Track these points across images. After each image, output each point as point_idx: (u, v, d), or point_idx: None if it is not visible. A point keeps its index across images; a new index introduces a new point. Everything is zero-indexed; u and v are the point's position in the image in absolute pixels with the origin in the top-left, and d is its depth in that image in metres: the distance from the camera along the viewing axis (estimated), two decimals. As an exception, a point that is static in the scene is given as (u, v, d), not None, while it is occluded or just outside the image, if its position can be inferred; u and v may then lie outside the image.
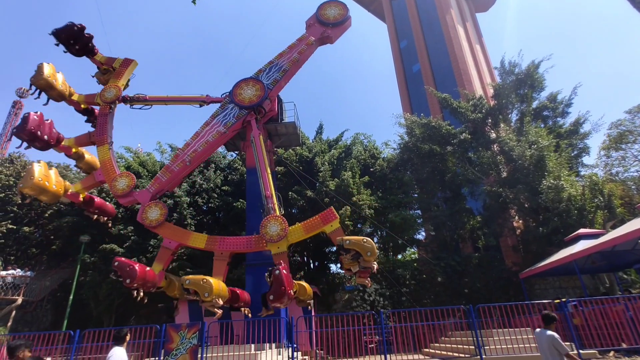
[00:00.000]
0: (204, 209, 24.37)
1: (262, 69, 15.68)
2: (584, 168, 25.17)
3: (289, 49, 15.72)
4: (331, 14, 15.98)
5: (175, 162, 14.04)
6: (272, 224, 12.12)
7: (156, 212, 13.09)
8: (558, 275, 19.13)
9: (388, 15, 45.77)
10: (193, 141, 14.35)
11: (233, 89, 15.29)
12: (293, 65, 15.34)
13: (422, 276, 20.58)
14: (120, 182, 13.35)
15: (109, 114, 14.93)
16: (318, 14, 16.03)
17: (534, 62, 23.49)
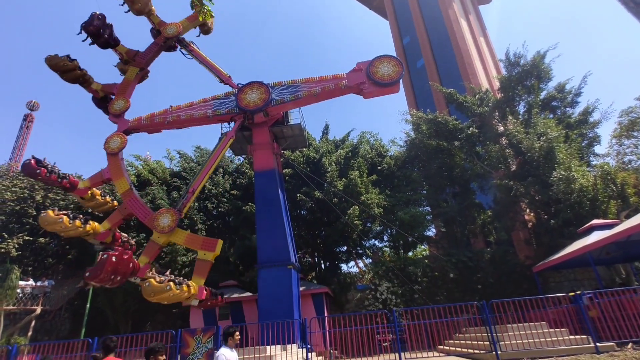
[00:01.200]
0: (214, 213, 24.60)
1: (282, 82, 15.61)
2: (595, 158, 24.76)
3: (318, 80, 15.13)
4: (384, 72, 14.26)
5: (161, 115, 15.57)
6: (164, 216, 13.28)
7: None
8: (572, 268, 18.86)
9: (390, 12, 45.60)
10: (184, 107, 15.59)
11: (243, 87, 15.62)
12: (309, 96, 14.94)
13: (434, 273, 20.48)
14: (118, 103, 15.24)
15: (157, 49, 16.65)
16: (369, 70, 14.42)
17: (540, 52, 23.19)
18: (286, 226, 15.50)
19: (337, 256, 24.28)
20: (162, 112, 15.76)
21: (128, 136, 15.48)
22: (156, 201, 23.34)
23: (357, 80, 14.45)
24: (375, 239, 24.73)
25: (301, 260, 23.69)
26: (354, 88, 14.64)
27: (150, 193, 23.94)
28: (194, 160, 27.88)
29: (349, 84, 14.54)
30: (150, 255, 13.17)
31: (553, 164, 19.29)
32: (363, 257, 25.94)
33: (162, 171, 26.06)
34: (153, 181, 25.31)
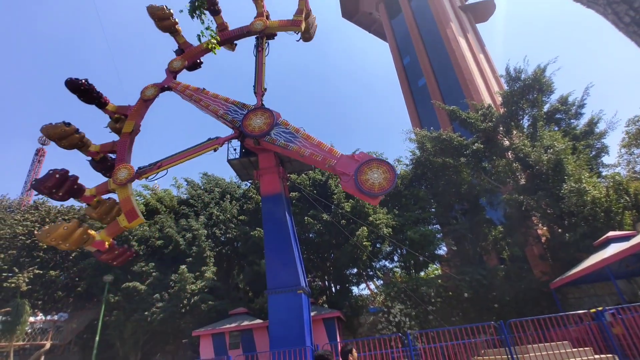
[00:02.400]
0: (222, 240, 24.56)
1: (288, 125, 15.08)
2: (605, 168, 24.41)
3: (315, 144, 13.99)
4: (374, 181, 12.47)
5: (193, 90, 16.40)
6: (124, 170, 14.16)
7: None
8: (591, 283, 18.25)
9: (389, 34, 46.67)
10: (211, 95, 16.24)
11: (255, 109, 15.71)
12: (295, 153, 14.19)
13: (448, 293, 19.96)
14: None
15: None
16: (357, 179, 12.46)
17: (540, 66, 23.35)
18: (295, 250, 15.35)
19: (347, 279, 23.87)
20: (195, 88, 16.54)
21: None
22: (164, 229, 23.43)
23: (345, 170, 12.82)
24: (385, 260, 24.33)
25: (311, 284, 23.33)
26: (338, 173, 13.23)
27: (159, 222, 24.07)
28: (201, 187, 28.12)
29: (337, 168, 13.07)
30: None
31: (562, 176, 19.04)
32: (374, 278, 25.46)
33: (169, 199, 26.29)
34: (161, 210, 25.50)
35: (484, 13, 45.44)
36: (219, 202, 26.52)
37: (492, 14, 45.87)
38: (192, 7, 5.13)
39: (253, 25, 17.77)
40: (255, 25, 17.67)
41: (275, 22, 17.94)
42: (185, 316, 20.57)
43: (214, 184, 28.19)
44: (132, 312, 20.70)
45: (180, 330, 20.87)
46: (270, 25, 17.76)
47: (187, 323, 20.54)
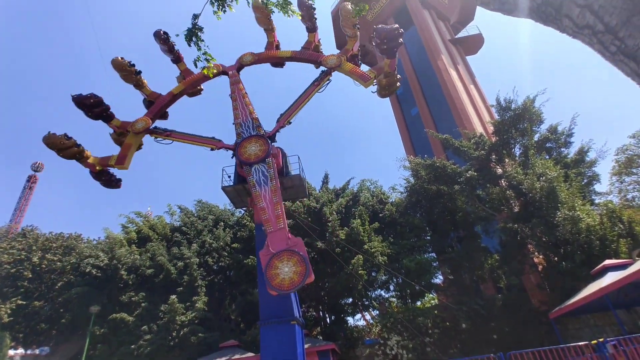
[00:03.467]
0: (214, 268, 24.03)
1: (271, 166, 16.08)
2: (598, 196, 24.63)
3: (264, 207, 14.49)
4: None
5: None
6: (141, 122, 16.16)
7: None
8: (591, 313, 17.93)
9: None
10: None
11: (253, 135, 16.09)
12: (254, 197, 14.88)
13: (445, 323, 19.46)
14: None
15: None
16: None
17: (529, 97, 24.00)
18: (288, 279, 14.96)
19: (342, 309, 23.25)
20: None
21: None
22: (156, 257, 22.92)
23: (271, 246, 12.88)
24: (381, 289, 23.85)
25: (305, 315, 22.67)
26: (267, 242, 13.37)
27: (150, 249, 23.59)
28: (194, 214, 27.81)
29: (268, 237, 13.35)
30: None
31: (556, 203, 19.12)
32: (370, 308, 24.83)
33: (162, 227, 25.89)
34: (153, 237, 25.05)
35: (473, 46, 47.20)
36: (212, 229, 26.15)
37: (481, 47, 47.68)
38: (189, 34, 5.21)
39: (326, 60, 17.68)
40: (329, 62, 17.59)
41: (348, 65, 17.58)
42: (174, 349, 19.72)
43: (207, 211, 27.91)
44: (118, 346, 19.83)
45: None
46: (342, 66, 17.44)
47: (176, 357, 19.66)
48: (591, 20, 1.42)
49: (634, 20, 1.24)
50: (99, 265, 22.52)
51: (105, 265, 22.57)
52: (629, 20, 1.26)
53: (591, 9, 1.38)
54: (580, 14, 1.45)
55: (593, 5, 1.37)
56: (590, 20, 1.43)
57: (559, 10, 1.57)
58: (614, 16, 1.30)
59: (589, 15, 1.41)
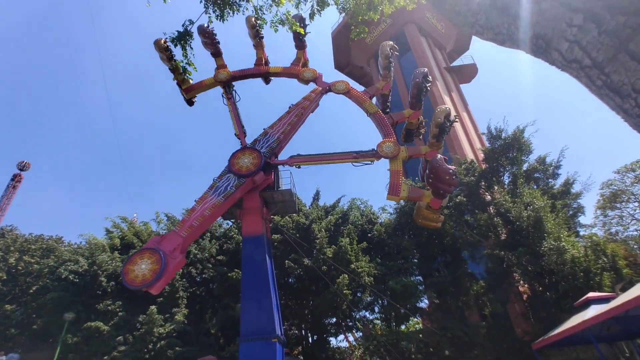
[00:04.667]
0: (197, 280, 23.53)
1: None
2: (582, 228, 25.06)
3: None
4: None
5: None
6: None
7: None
8: (574, 345, 17.91)
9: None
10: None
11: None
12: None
13: (429, 349, 19.22)
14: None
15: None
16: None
17: (519, 127, 24.60)
18: (273, 295, 14.72)
19: (325, 328, 22.83)
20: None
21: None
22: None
23: (160, 243, 12.63)
24: (365, 310, 23.54)
25: (287, 333, 22.19)
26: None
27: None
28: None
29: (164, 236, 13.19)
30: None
31: (542, 233, 19.35)
32: (353, 329, 24.43)
33: (147, 234, 25.39)
34: (137, 245, 24.52)
35: (467, 75, 48.55)
36: (198, 240, 25.73)
37: (475, 77, 49.07)
38: (178, 36, 5.23)
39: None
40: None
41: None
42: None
43: (195, 221, 27.51)
44: (90, 356, 19.07)
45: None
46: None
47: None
48: (579, 55, 1.48)
49: (619, 57, 1.30)
50: (77, 271, 21.87)
51: (85, 270, 21.94)
52: (614, 56, 1.31)
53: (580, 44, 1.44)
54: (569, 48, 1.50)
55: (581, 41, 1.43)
56: (578, 55, 1.49)
57: (549, 44, 1.63)
58: (601, 52, 1.35)
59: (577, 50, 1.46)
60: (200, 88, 18.49)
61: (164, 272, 11.45)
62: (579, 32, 1.42)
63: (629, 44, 1.24)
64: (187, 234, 13.25)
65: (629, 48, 1.25)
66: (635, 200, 29.97)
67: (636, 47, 1.23)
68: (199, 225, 13.72)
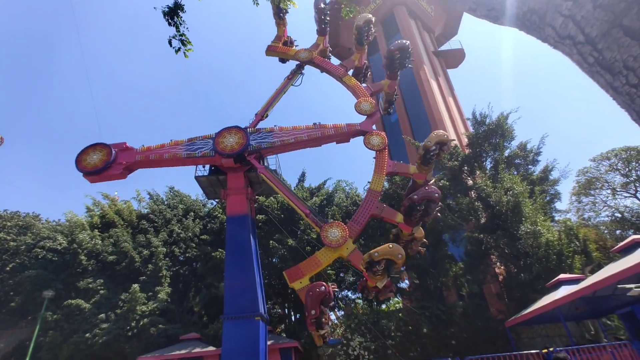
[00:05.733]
0: (180, 259, 23.45)
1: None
2: (558, 213, 25.95)
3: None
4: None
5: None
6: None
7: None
8: (544, 324, 18.86)
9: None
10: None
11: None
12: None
13: (408, 327, 19.88)
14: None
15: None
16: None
17: (503, 113, 24.95)
18: (256, 274, 14.85)
19: (308, 308, 23.27)
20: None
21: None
22: (120, 244, 22.10)
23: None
24: (348, 290, 24.06)
25: (270, 311, 22.54)
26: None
27: (114, 235, 22.72)
28: (164, 202, 27.02)
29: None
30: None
31: (520, 217, 19.97)
32: (335, 309, 24.99)
33: (129, 213, 24.98)
34: (119, 223, 24.14)
35: (454, 60, 48.58)
36: (181, 219, 25.51)
37: (462, 62, 49.17)
38: (170, 11, 5.02)
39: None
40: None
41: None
42: (132, 340, 19.07)
43: (178, 200, 27.19)
44: (71, 333, 18.95)
45: (124, 355, 19.24)
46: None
47: (133, 347, 19.01)
48: (573, 30, 1.48)
49: (613, 32, 1.31)
50: (56, 249, 21.44)
51: (64, 248, 21.52)
52: (608, 32, 1.32)
53: (574, 19, 1.44)
54: (563, 23, 1.50)
55: (576, 15, 1.43)
56: (572, 30, 1.49)
57: (542, 19, 1.63)
58: (595, 27, 1.36)
59: (571, 26, 1.47)
60: (281, 53, 18.44)
61: (112, 163, 13.54)
62: (574, 6, 1.42)
63: (624, 19, 1.25)
64: (140, 158, 14.62)
65: (623, 23, 1.26)
66: (608, 188, 31.16)
67: (630, 23, 1.24)
68: (153, 160, 14.79)
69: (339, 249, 12.76)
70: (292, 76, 17.95)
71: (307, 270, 12.68)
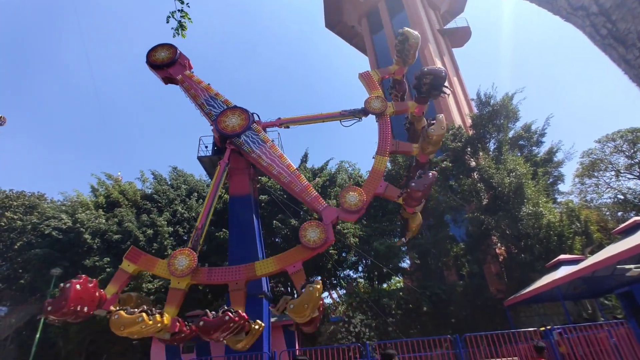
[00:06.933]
0: (184, 238, 23.74)
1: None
2: (560, 195, 25.96)
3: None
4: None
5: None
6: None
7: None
8: (542, 302, 19.18)
9: (369, 48, 47.67)
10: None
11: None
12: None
13: (408, 305, 20.27)
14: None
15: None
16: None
17: (508, 94, 24.61)
18: (260, 254, 15.09)
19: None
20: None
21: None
22: (124, 224, 22.36)
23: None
24: (350, 270, 24.42)
25: (273, 290, 22.95)
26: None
27: (119, 215, 22.97)
28: (167, 182, 27.13)
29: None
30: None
31: (522, 199, 20.00)
32: (337, 288, 25.46)
33: (133, 193, 25.16)
34: (123, 203, 24.35)
35: (460, 38, 47.48)
36: (184, 199, 25.68)
37: (468, 41, 48.06)
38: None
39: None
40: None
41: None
42: (138, 316, 19.55)
43: (181, 180, 27.31)
44: (79, 309, 19.43)
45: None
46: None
47: (139, 324, 19.52)
48: (586, 1, 1.45)
49: (627, 2, 1.27)
50: (60, 228, 21.73)
51: (68, 227, 21.81)
52: (623, 2, 1.29)
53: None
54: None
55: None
56: (585, 1, 1.45)
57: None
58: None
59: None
60: (368, 84, 16.59)
61: (172, 64, 16.11)
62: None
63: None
64: (180, 78, 16.21)
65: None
66: (612, 169, 31.00)
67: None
68: (184, 86, 16.01)
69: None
70: (347, 115, 15.73)
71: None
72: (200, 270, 12.39)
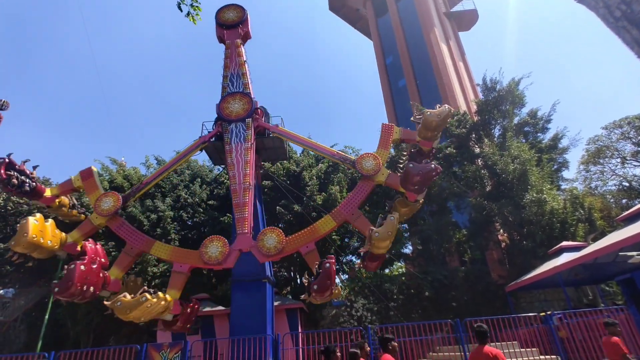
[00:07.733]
0: (188, 223, 23.93)
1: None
2: (565, 182, 25.82)
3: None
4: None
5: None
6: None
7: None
8: (543, 288, 19.31)
9: (374, 32, 46.86)
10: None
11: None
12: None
13: (410, 290, 20.50)
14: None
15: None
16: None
17: (514, 79, 24.22)
18: (263, 239, 15.16)
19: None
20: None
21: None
22: (127, 208, 22.53)
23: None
24: (352, 255, 24.62)
25: (276, 274, 23.25)
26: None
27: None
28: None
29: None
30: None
31: (526, 186, 19.93)
32: (340, 273, 25.72)
33: (137, 178, 25.25)
34: (127, 188, 24.48)
35: (467, 22, 46.52)
36: (188, 184, 25.78)
37: (475, 24, 47.07)
38: None
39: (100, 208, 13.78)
40: (103, 207, 13.69)
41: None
42: (144, 299, 19.92)
43: (185, 165, 27.36)
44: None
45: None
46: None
47: (146, 306, 19.91)
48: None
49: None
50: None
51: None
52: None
53: (603, -31, 1.36)
54: (591, -25, 1.42)
55: (605, -35, 1.34)
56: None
57: (570, -29, 1.53)
58: (625, -22, 1.28)
59: (599, -23, 1.38)
60: (384, 137, 14.82)
61: (237, 25, 17.04)
62: (604, -44, 1.33)
63: (657, -32, 1.17)
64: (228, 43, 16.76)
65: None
66: (618, 156, 30.70)
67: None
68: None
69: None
70: (338, 159, 15.47)
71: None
72: (115, 219, 13.38)
